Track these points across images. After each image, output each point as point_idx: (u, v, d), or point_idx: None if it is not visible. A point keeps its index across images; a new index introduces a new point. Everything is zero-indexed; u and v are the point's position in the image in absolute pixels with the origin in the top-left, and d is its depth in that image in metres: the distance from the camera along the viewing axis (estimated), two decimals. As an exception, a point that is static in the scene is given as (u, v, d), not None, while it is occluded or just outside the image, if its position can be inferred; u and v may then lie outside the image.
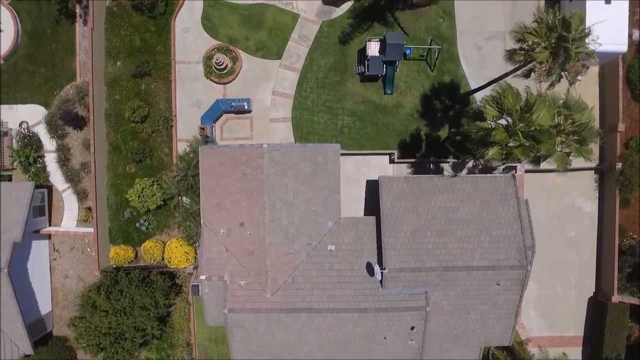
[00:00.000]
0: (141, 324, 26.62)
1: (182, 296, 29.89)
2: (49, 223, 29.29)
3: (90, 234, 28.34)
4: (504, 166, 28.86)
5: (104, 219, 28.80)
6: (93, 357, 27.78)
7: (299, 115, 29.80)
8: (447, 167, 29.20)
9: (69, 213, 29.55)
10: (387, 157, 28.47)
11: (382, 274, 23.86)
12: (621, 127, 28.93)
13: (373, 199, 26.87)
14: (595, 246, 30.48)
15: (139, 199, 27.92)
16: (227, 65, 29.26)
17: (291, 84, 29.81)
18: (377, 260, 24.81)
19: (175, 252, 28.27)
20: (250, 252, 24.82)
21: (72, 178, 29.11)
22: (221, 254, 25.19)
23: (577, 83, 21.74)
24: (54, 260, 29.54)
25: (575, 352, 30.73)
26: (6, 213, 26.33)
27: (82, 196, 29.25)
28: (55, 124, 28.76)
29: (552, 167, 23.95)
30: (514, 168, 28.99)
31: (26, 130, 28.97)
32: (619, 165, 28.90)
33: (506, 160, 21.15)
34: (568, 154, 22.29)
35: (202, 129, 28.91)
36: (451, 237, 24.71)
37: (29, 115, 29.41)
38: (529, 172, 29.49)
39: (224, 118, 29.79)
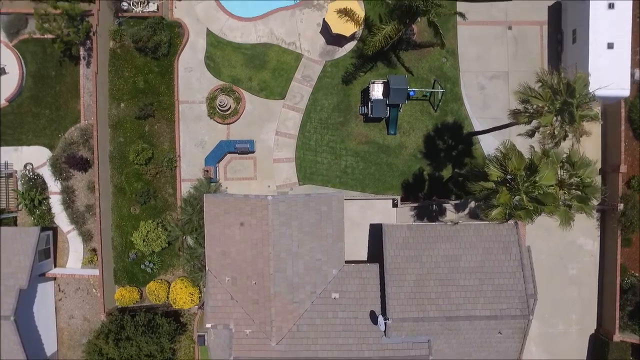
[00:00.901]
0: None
1: (186, 334, 30.11)
2: (54, 264, 29.49)
3: (95, 277, 28.51)
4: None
5: (109, 260, 29.00)
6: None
7: (303, 156, 29.92)
8: (450, 208, 29.34)
9: (74, 254, 29.75)
10: (391, 200, 28.62)
11: (386, 324, 24.10)
12: (623, 168, 29.04)
13: (376, 243, 27.05)
14: (596, 284, 30.70)
15: (144, 243, 28.10)
16: (230, 107, 29.35)
17: (294, 124, 29.91)
18: (380, 308, 25.07)
19: (180, 293, 28.49)
20: (255, 301, 25.04)
21: (77, 220, 29.29)
22: (226, 302, 25.44)
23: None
24: (59, 300, 29.77)
25: (576, 389, 31.10)
26: (12, 259, 26.53)
27: (87, 237, 29.44)
28: (60, 167, 28.89)
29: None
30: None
31: (31, 173, 29.08)
32: (620, 206, 29.06)
33: (509, 219, 21.30)
34: (570, 206, 22.47)
35: (206, 171, 29.03)
36: (454, 286, 24.97)
37: (33, 156, 29.54)
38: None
39: (228, 158, 29.91)
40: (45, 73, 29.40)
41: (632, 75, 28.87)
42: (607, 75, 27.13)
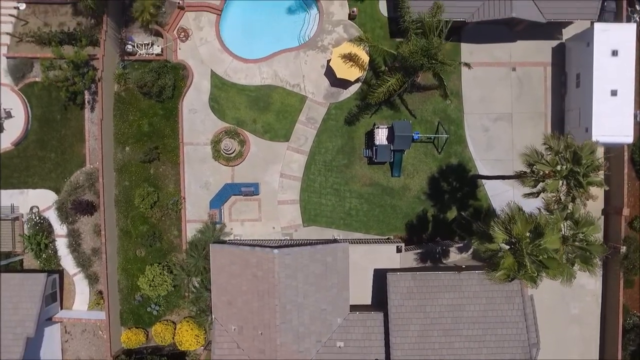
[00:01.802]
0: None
1: (192, 372, 30.43)
2: (61, 306, 29.70)
3: (101, 320, 28.77)
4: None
5: (115, 303, 29.22)
6: None
7: (307, 198, 30.08)
8: (453, 250, 29.50)
9: (81, 296, 29.96)
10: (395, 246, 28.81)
11: (391, 376, 24.37)
12: (626, 211, 29.18)
13: (381, 287, 27.30)
14: (598, 323, 30.93)
15: (150, 287, 28.32)
16: (235, 150, 29.47)
17: (299, 166, 30.03)
18: (385, 357, 25.31)
19: (186, 335, 28.72)
20: (261, 351, 25.30)
21: (83, 263, 29.49)
22: (233, 351, 25.76)
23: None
24: (66, 342, 29.97)
25: None
26: (19, 306, 26.72)
27: (93, 280, 29.66)
28: (66, 211, 29.05)
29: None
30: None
31: (37, 217, 29.24)
32: (623, 248, 29.24)
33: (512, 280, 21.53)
34: (573, 263, 22.64)
35: (211, 215, 29.21)
36: (457, 336, 25.23)
37: (39, 199, 29.68)
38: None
39: (233, 199, 30.06)
40: (50, 117, 29.49)
41: (635, 117, 28.94)
42: (610, 122, 27.35)
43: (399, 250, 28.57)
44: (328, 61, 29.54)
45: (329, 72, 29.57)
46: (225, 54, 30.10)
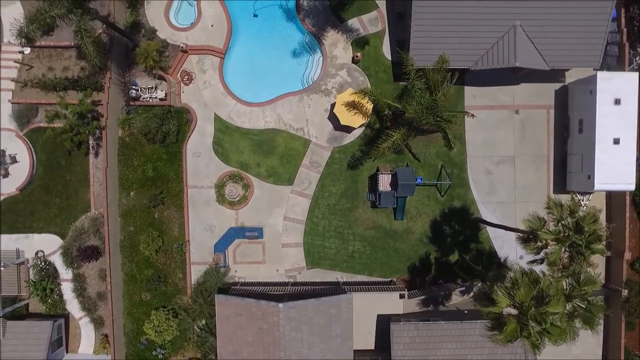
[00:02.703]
0: None
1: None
2: (67, 350, 29.93)
3: (107, 364, 29.09)
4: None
5: (121, 347, 29.47)
6: None
7: (311, 241, 30.25)
8: (456, 292, 29.69)
9: (86, 340, 30.19)
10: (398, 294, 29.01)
11: None
12: (628, 255, 29.37)
13: (383, 333, 27.55)
14: (600, 364, 31.24)
15: (156, 334, 28.55)
16: (239, 194, 29.62)
17: (303, 209, 30.18)
18: (388, 407, 25.63)
19: (192, 378, 29.04)
20: (266, 402, 25.58)
21: (89, 307, 29.70)
22: (238, 401, 26.01)
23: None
24: (72, 384, 30.32)
25: None
26: (25, 354, 27.00)
27: (98, 324, 29.87)
28: (71, 256, 29.23)
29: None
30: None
31: (42, 262, 29.41)
32: (624, 292, 29.45)
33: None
34: (574, 316, 22.81)
35: (215, 260, 29.42)
36: (461, 387, 25.49)
37: (44, 244, 29.87)
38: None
39: (237, 242, 30.21)
40: (55, 162, 29.63)
41: (637, 159, 29.06)
42: (612, 170, 27.49)
43: (402, 297, 28.82)
44: (332, 105, 29.67)
45: (333, 116, 29.67)
46: (229, 98, 30.17)
